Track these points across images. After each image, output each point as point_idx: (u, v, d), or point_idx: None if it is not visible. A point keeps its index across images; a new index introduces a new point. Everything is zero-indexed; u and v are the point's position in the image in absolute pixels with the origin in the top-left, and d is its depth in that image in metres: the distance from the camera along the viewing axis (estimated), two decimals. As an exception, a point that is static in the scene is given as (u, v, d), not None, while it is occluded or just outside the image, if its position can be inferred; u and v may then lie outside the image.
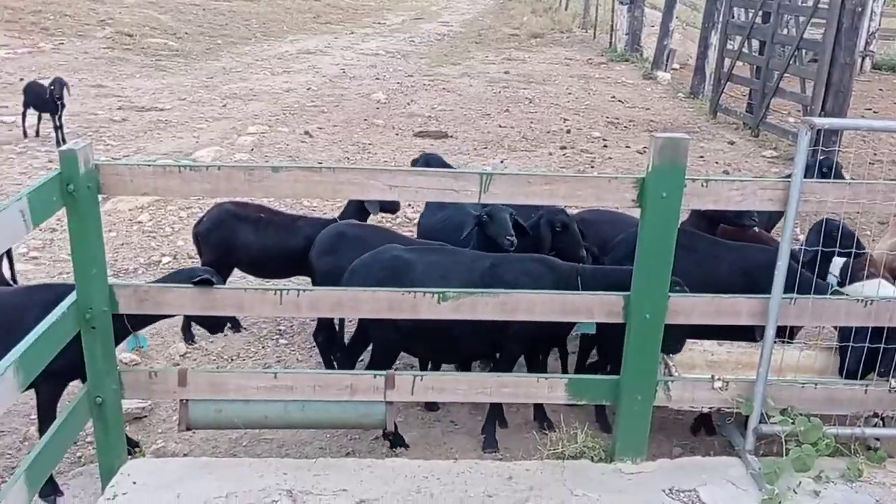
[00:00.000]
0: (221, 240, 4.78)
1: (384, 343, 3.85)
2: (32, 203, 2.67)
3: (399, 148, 9.85)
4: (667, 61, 15.82)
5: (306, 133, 10.23)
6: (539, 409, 4.08)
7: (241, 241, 4.77)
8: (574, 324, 3.56)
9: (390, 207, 5.16)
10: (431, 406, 4.23)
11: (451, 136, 10.54)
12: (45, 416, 3.40)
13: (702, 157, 9.72)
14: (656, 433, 3.72)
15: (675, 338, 3.47)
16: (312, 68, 15.29)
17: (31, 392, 3.94)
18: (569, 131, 11.05)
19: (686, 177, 3.05)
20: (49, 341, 2.85)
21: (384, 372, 3.38)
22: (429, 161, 5.73)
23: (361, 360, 4.21)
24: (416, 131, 10.69)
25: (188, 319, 4.89)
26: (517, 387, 3.44)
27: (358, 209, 4.93)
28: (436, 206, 4.93)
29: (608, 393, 3.42)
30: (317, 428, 3.84)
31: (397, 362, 4.06)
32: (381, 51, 18.09)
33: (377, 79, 14.57)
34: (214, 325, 3.75)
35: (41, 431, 3.37)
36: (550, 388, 3.40)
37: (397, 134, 10.59)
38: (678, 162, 3.03)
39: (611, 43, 19.09)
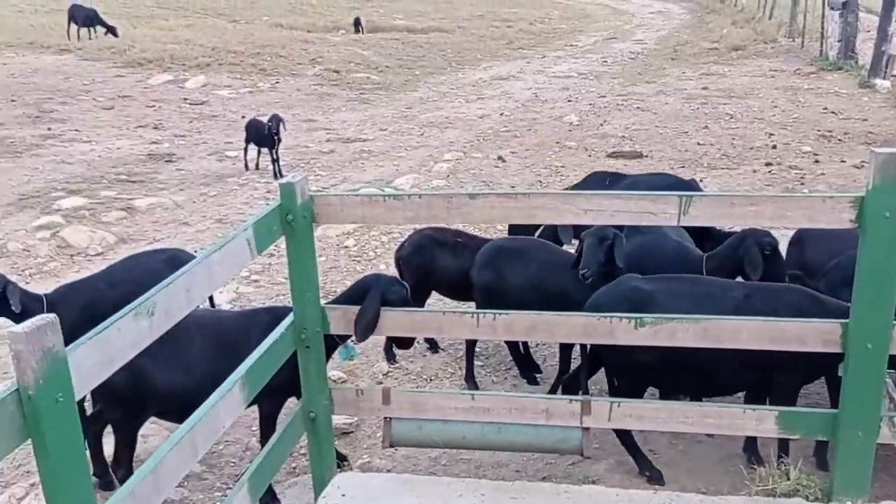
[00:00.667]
0: (421, 264, 4.98)
1: (622, 375, 3.80)
2: (257, 232, 2.93)
3: (592, 170, 9.73)
4: (886, 68, 14.51)
5: (500, 158, 10.42)
6: (749, 441, 3.86)
7: (440, 265, 4.95)
8: None
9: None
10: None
11: (646, 156, 10.30)
12: (266, 429, 3.69)
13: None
14: (879, 472, 3.40)
15: None
16: (505, 94, 15.57)
17: (253, 406, 4.30)
18: (774, 147, 10.44)
19: (913, 194, 2.79)
20: (269, 359, 3.10)
21: (580, 397, 3.35)
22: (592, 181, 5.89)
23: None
24: (610, 152, 10.56)
25: (390, 339, 5.13)
26: (721, 417, 3.28)
27: (554, 235, 4.95)
28: (629, 229, 4.85)
29: (824, 427, 3.17)
30: (513, 451, 3.86)
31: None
32: (573, 73, 18.08)
33: (569, 101, 14.57)
34: (407, 340, 3.90)
35: (262, 443, 3.66)
36: (759, 420, 3.21)
37: (590, 155, 10.51)
38: (904, 179, 2.77)
39: (821, 51, 17.83)
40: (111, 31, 19.62)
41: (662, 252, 4.43)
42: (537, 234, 5.11)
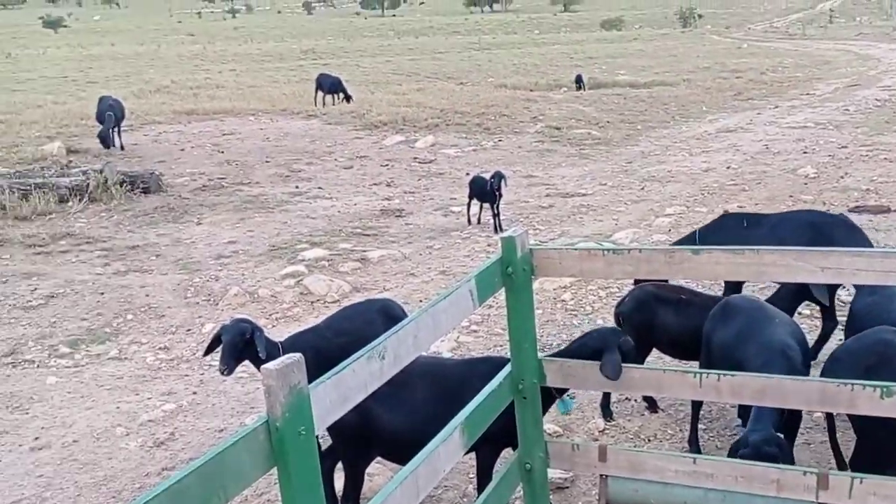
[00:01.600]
0: (643, 321, 4.88)
1: (864, 433, 3.49)
2: (479, 283, 3.06)
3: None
4: None
5: (725, 212, 9.98)
6: None
7: (663, 321, 4.83)
8: None
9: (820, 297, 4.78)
10: None
11: (895, 210, 9.41)
12: (483, 476, 3.77)
13: None
14: None
15: None
16: (732, 146, 14.95)
17: (471, 453, 4.40)
18: None
19: None
20: (488, 408, 3.18)
21: (816, 469, 3.10)
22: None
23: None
24: (852, 206, 9.77)
25: (607, 396, 5.06)
26: None
27: (793, 294, 4.66)
28: (868, 289, 4.42)
29: None
30: (738, 522, 3.63)
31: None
32: (809, 123, 17.00)
33: (804, 152, 13.69)
34: None
35: (479, 490, 3.74)
36: None
37: (829, 210, 9.77)
38: None
39: None
40: (347, 98, 21.40)
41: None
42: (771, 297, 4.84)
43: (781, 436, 3.51)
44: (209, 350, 4.39)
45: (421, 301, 7.43)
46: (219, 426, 5.40)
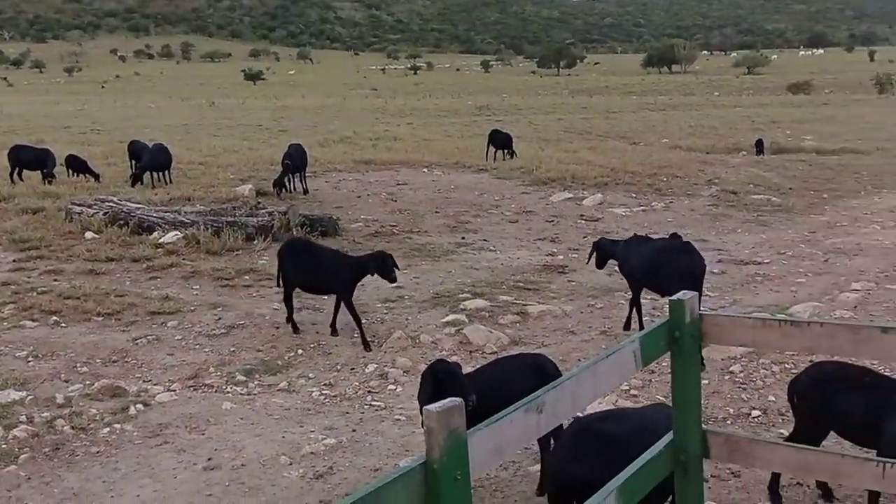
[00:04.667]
0: (821, 401, 4.55)
1: None
2: (643, 345, 2.99)
3: None
4: None
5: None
6: None
7: (844, 404, 4.46)
8: None
9: None
10: None
11: None
12: None
13: None
14: None
15: None
16: (931, 221, 13.75)
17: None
18: None
19: None
20: (646, 476, 3.07)
21: None
22: None
23: None
24: None
25: (776, 476, 4.73)
26: None
27: None
28: None
29: None
30: None
31: None
32: None
33: None
34: None
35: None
36: None
37: None
38: None
39: None
40: (512, 153, 21.80)
41: None
42: None
43: None
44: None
45: (579, 359, 7.32)
46: (374, 465, 5.55)
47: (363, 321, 8.14)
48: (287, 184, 16.12)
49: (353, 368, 7.50)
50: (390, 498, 1.99)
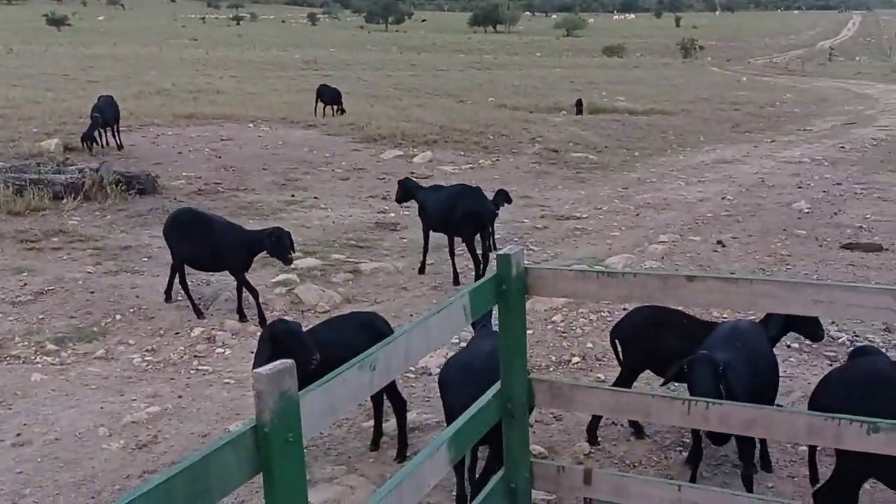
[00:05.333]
0: (644, 344, 4.88)
1: (850, 465, 3.50)
2: (473, 299, 3.06)
3: (823, 260, 9.13)
4: None
5: (719, 243, 10.03)
6: None
7: (662, 345, 4.81)
8: None
9: (811, 331, 4.81)
10: None
11: (888, 250, 9.47)
12: None
13: None
14: None
15: None
16: (728, 178, 15.03)
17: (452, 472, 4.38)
18: None
19: None
20: (475, 425, 3.17)
21: (798, 503, 3.10)
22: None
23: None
24: (844, 243, 9.83)
25: (596, 419, 5.04)
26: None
27: (781, 326, 4.69)
28: None
29: None
30: (719, 552, 3.62)
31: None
32: (804, 158, 17.12)
33: (799, 187, 13.78)
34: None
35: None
36: None
37: (821, 245, 9.84)
38: None
39: None
40: (341, 110, 21.56)
41: None
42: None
43: None
44: None
45: (412, 315, 7.42)
46: (203, 431, 5.37)
47: (189, 284, 7.78)
48: (98, 138, 15.01)
49: (177, 333, 7.19)
50: (219, 464, 1.92)
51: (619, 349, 5.09)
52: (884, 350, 6.29)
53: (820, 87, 39.39)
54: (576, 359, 6.50)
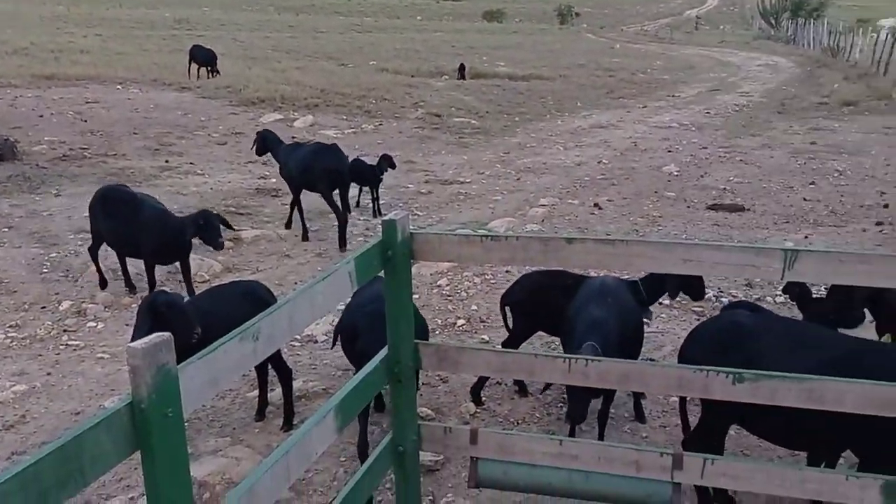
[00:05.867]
0: (534, 306, 4.99)
1: (716, 413, 3.71)
2: (358, 265, 3.03)
3: (691, 221, 9.59)
4: None
5: (596, 205, 10.36)
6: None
7: (552, 306, 4.94)
8: None
9: (695, 290, 5.06)
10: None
11: (749, 210, 10.05)
12: None
13: None
14: None
15: None
16: (604, 142, 15.52)
17: (343, 438, 4.38)
18: (886, 206, 10.01)
19: None
20: (362, 391, 3.17)
21: (671, 451, 3.27)
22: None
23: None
24: (709, 204, 10.36)
25: (481, 380, 5.14)
26: (822, 483, 3.14)
27: (673, 286, 4.92)
28: None
29: (935, 503, 2.98)
30: (598, 501, 3.78)
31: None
32: (673, 123, 17.87)
33: (669, 151, 14.39)
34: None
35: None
36: (862, 488, 3.05)
37: (689, 207, 10.33)
38: None
39: (941, 108, 17.05)
40: (215, 71, 20.77)
41: None
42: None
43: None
44: None
45: (296, 283, 7.31)
46: (75, 409, 5.12)
47: (53, 255, 7.35)
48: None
49: (43, 307, 6.79)
50: (93, 443, 1.83)
51: (510, 314, 5.21)
52: (746, 304, 6.73)
53: (687, 54, 41.09)
54: (461, 321, 6.59)
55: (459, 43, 39.25)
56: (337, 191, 8.59)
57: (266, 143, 9.21)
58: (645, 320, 5.11)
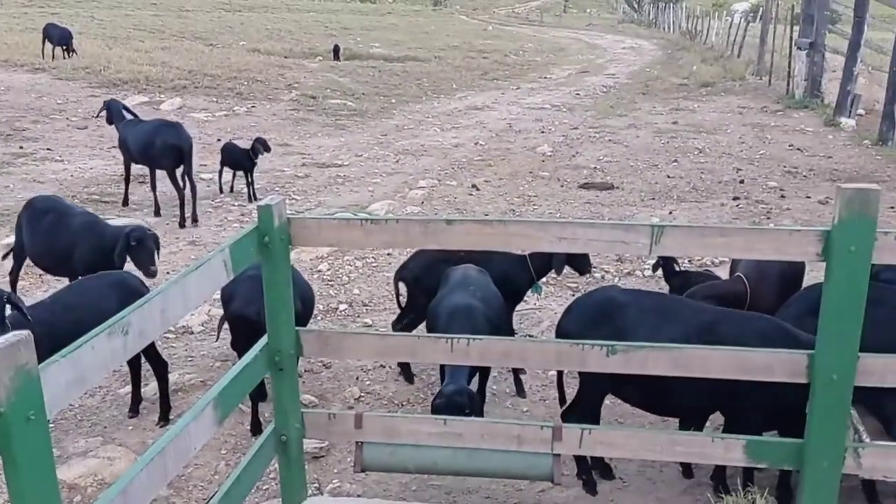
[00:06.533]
0: (430, 283, 5.00)
1: (592, 384, 3.83)
2: (233, 253, 2.94)
3: (564, 200, 9.87)
4: (851, 107, 14.90)
5: (474, 186, 10.50)
6: (717, 470, 3.91)
7: (424, 281, 4.99)
8: None
9: (580, 265, 5.23)
10: (606, 474, 4.10)
11: (618, 188, 10.45)
12: None
13: (892, 207, 9.03)
14: (845, 502, 3.45)
15: None
16: (480, 124, 15.72)
17: (224, 430, 4.27)
18: (742, 181, 10.65)
19: (877, 230, 2.88)
20: (242, 382, 3.09)
21: (551, 423, 3.38)
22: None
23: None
24: (581, 183, 10.69)
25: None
26: (690, 446, 3.32)
27: (544, 261, 5.08)
28: None
29: (791, 457, 3.22)
30: (483, 476, 3.87)
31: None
32: (546, 105, 18.32)
33: (542, 132, 14.74)
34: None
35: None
36: (727, 448, 3.25)
37: (562, 186, 10.63)
38: (868, 214, 2.86)
39: (788, 90, 18.27)
40: (71, 51, 19.59)
41: None
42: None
43: (472, 388, 3.89)
44: None
45: (168, 273, 7.02)
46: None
47: None
48: None
49: None
50: (-54, 454, 1.70)
51: (404, 291, 5.24)
52: (616, 279, 7.02)
53: (557, 37, 42.17)
54: (343, 306, 6.54)
55: (332, 23, 38.69)
56: (182, 168, 8.63)
57: (111, 113, 9.10)
58: (535, 294, 5.36)
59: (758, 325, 3.59)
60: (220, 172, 9.97)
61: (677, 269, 5.49)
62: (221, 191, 9.98)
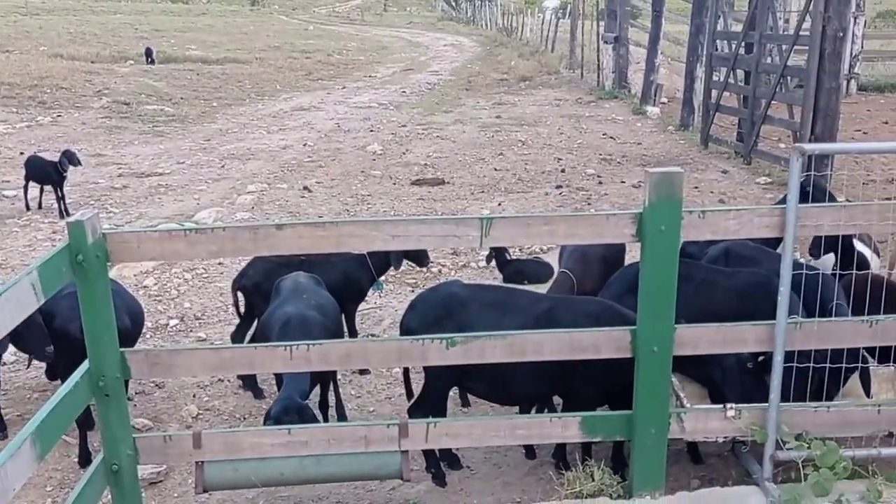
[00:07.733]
0: (268, 289, 4.83)
1: (435, 378, 3.85)
2: (43, 275, 2.72)
3: (398, 197, 9.94)
4: (655, 96, 16.05)
5: (305, 188, 10.34)
6: (559, 448, 4.07)
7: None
8: None
9: (418, 258, 5.26)
10: (454, 465, 4.16)
11: (449, 183, 10.65)
12: None
13: (696, 187, 9.80)
14: (673, 466, 3.70)
15: None
16: (307, 124, 15.50)
17: (48, 465, 3.97)
18: (563, 170, 11.16)
19: (683, 209, 3.11)
20: (63, 413, 2.87)
21: (397, 421, 3.39)
22: None
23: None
24: (413, 179, 10.80)
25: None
26: (530, 428, 3.45)
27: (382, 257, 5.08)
28: None
29: (622, 428, 3.42)
30: (333, 482, 3.82)
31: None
32: (373, 103, 18.36)
33: (371, 131, 14.76)
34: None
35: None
36: (564, 426, 3.41)
37: (395, 183, 10.69)
38: (674, 195, 3.08)
39: (598, 81, 19.38)
40: None
41: None
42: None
43: (303, 402, 3.66)
44: None
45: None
46: None
47: None
48: None
49: None
50: None
51: (242, 300, 5.05)
52: (452, 272, 7.16)
53: (379, 35, 42.36)
54: (174, 321, 6.24)
55: (142, 25, 36.80)
56: None
57: None
58: (376, 292, 5.41)
59: (590, 308, 3.78)
60: (26, 188, 9.21)
61: (509, 258, 5.67)
62: (28, 208, 9.22)
